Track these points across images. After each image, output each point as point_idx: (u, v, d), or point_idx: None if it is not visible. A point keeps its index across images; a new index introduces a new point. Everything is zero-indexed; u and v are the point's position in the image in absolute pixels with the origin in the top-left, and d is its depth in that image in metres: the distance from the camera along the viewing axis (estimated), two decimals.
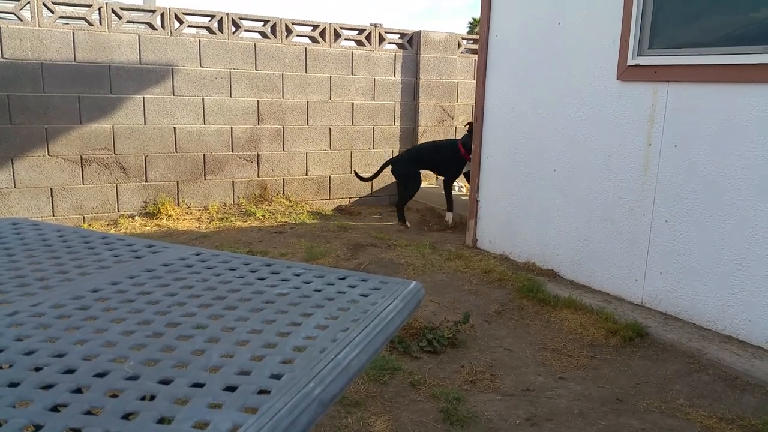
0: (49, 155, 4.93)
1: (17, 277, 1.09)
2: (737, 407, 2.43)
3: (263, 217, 5.46)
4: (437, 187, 6.25)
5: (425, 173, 6.67)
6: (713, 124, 3.05)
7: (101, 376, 0.72)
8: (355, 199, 6.39)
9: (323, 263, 4.13)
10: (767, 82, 2.82)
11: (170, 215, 5.31)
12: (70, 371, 0.73)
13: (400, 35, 6.32)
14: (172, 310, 0.95)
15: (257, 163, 5.81)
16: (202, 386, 0.69)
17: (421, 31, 6.31)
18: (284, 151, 5.91)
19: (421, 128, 6.50)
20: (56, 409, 0.65)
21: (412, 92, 6.45)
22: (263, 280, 1.12)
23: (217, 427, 0.60)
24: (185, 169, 5.49)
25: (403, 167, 5.48)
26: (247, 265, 1.21)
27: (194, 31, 5.37)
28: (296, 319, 0.92)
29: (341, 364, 0.76)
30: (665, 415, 2.36)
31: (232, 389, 0.69)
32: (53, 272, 1.12)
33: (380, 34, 6.16)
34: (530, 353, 2.88)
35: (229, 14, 5.42)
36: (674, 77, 3.22)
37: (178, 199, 5.51)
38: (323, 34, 5.87)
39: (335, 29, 5.93)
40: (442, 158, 5.41)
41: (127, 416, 0.63)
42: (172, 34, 5.22)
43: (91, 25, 4.91)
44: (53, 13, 4.76)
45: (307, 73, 5.85)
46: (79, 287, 1.04)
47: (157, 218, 5.26)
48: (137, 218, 5.27)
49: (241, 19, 5.49)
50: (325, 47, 5.89)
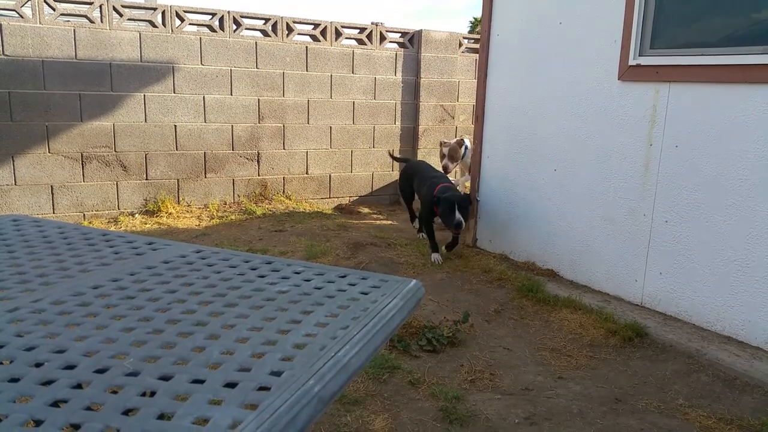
0: (49, 152, 4.94)
1: (18, 273, 1.09)
2: (736, 408, 2.43)
3: (263, 215, 5.46)
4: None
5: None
6: (714, 124, 3.05)
7: (102, 372, 0.72)
8: (355, 198, 6.39)
9: (323, 262, 4.14)
10: None
11: (170, 213, 5.31)
12: (70, 367, 0.73)
13: (401, 34, 6.31)
14: (172, 307, 0.95)
15: (257, 161, 5.81)
16: (202, 383, 0.70)
17: (422, 30, 6.31)
18: (285, 149, 5.91)
19: (421, 127, 6.50)
20: (56, 404, 0.65)
21: (412, 91, 6.45)
22: (264, 277, 1.12)
23: (217, 423, 0.60)
24: (186, 167, 5.49)
25: (401, 180, 5.10)
26: (247, 262, 1.21)
27: (195, 29, 5.37)
28: (296, 316, 0.92)
29: (341, 361, 0.76)
30: (664, 415, 2.36)
31: (232, 386, 0.69)
32: (54, 269, 1.12)
33: (381, 33, 6.16)
34: (529, 353, 2.88)
35: (230, 12, 5.42)
36: (676, 77, 3.21)
37: (178, 197, 5.51)
38: (324, 32, 5.87)
39: (336, 28, 5.92)
40: (424, 192, 4.50)
41: (127, 412, 0.64)
42: (173, 31, 5.21)
43: (92, 22, 4.91)
44: (54, 10, 4.76)
45: (307, 71, 5.85)
46: (79, 284, 1.04)
47: (157, 216, 5.26)
48: (137, 216, 5.27)
49: (242, 17, 5.49)
50: (326, 46, 5.89)
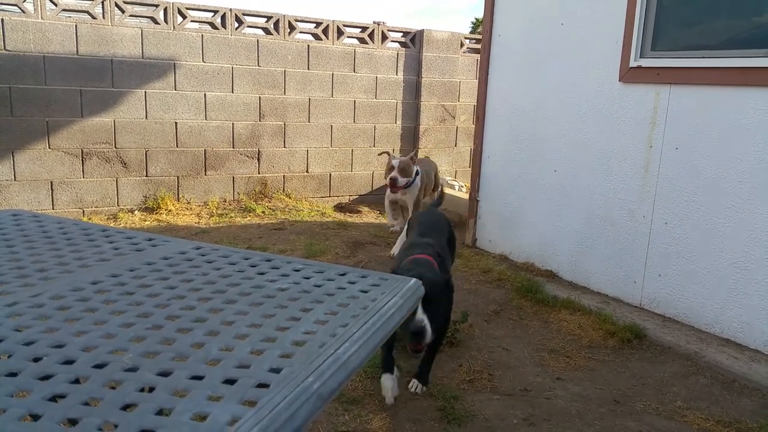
0: (49, 148, 4.93)
1: (17, 268, 1.09)
2: (734, 410, 2.43)
3: (263, 213, 5.45)
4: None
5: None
6: (715, 127, 3.05)
7: (100, 367, 0.72)
8: (355, 197, 6.38)
9: (322, 260, 4.13)
10: None
11: (170, 210, 5.30)
12: (69, 362, 0.73)
13: (402, 34, 6.31)
14: (171, 303, 0.95)
15: (258, 159, 5.81)
16: (201, 379, 0.69)
17: (424, 29, 6.30)
18: (285, 147, 5.91)
19: (422, 127, 6.50)
20: (55, 399, 0.65)
21: (414, 91, 6.44)
22: (263, 274, 1.11)
23: (216, 419, 0.60)
24: (186, 164, 5.49)
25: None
26: (247, 259, 1.21)
27: (197, 26, 5.36)
28: (296, 313, 0.92)
29: (340, 359, 0.76)
30: (662, 417, 2.36)
31: (231, 382, 0.69)
32: (53, 264, 1.12)
33: (383, 32, 6.15)
34: (528, 353, 2.88)
35: (232, 10, 5.42)
36: (676, 79, 3.21)
37: (178, 194, 5.50)
38: (326, 31, 5.87)
39: (338, 26, 5.92)
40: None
41: (126, 407, 0.63)
42: (174, 28, 5.21)
43: (93, 18, 4.90)
44: (56, 5, 4.76)
45: (309, 70, 5.85)
46: (79, 279, 1.04)
47: (156, 213, 5.25)
48: (137, 213, 5.27)
49: (244, 14, 5.48)
50: (327, 44, 5.89)
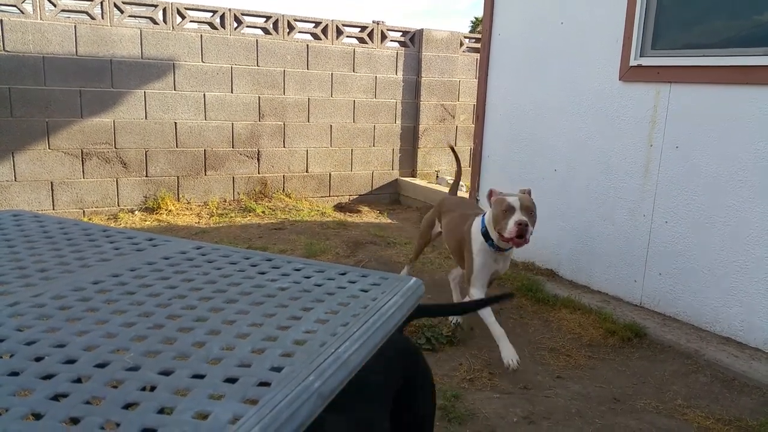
0: (49, 149, 4.93)
1: (18, 268, 1.09)
2: (734, 408, 2.43)
3: (263, 213, 5.46)
4: (437, 184, 6.23)
5: (424, 169, 6.68)
6: (715, 125, 3.05)
7: (102, 366, 0.72)
8: (355, 196, 6.39)
9: (322, 260, 4.13)
10: None
11: (170, 210, 5.31)
12: (70, 361, 0.73)
13: (402, 33, 6.31)
14: (172, 302, 0.95)
15: (257, 159, 5.81)
16: (202, 377, 0.70)
17: (423, 29, 6.31)
18: (285, 147, 5.91)
19: (422, 127, 6.50)
20: (57, 398, 0.65)
21: (413, 90, 6.44)
22: (264, 274, 1.12)
23: (217, 417, 0.60)
24: (185, 164, 5.49)
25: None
26: (247, 259, 1.21)
27: (196, 26, 5.36)
28: (296, 313, 0.92)
29: (341, 358, 0.76)
30: (662, 415, 2.36)
31: (232, 381, 0.69)
32: (54, 264, 1.12)
33: (382, 31, 6.16)
34: (528, 352, 2.89)
35: (231, 10, 5.42)
36: (676, 78, 3.21)
37: (178, 194, 5.51)
38: (325, 30, 5.87)
39: (337, 26, 5.92)
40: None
41: (127, 406, 0.64)
42: (173, 28, 5.21)
43: (93, 18, 4.90)
44: (55, 6, 4.76)
45: (308, 69, 5.85)
46: (80, 279, 1.04)
47: (156, 213, 5.25)
48: (137, 213, 5.27)
49: (243, 14, 5.48)
50: (326, 44, 5.89)
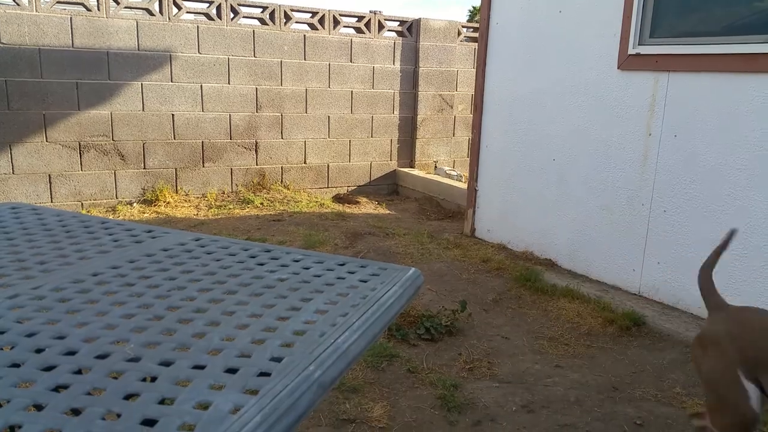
0: (47, 141, 4.92)
1: (17, 260, 1.09)
2: None
3: (261, 205, 5.45)
4: (436, 174, 6.23)
5: (422, 160, 6.67)
6: (714, 114, 3.05)
7: (102, 357, 0.72)
8: (353, 187, 6.38)
9: (321, 251, 4.13)
10: None
11: (168, 202, 5.30)
12: (71, 353, 0.73)
13: (399, 23, 6.27)
14: (172, 294, 0.95)
15: (255, 150, 5.79)
16: (203, 368, 0.70)
17: (420, 18, 6.27)
18: (283, 139, 5.90)
19: (420, 117, 6.48)
20: (58, 389, 0.66)
21: (411, 80, 6.42)
22: (263, 265, 1.12)
23: (218, 407, 0.61)
24: (183, 156, 5.48)
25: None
26: (246, 250, 1.21)
27: (192, 17, 5.33)
28: (296, 303, 0.93)
29: (341, 348, 0.77)
30: (661, 403, 2.38)
31: (233, 371, 0.69)
32: (53, 256, 1.12)
33: (380, 21, 6.12)
34: (527, 341, 2.90)
35: (227, 0, 5.38)
36: (675, 67, 3.21)
37: (176, 186, 5.50)
38: (322, 21, 5.83)
39: (334, 16, 5.89)
40: None
41: (128, 397, 0.64)
42: (170, 20, 5.18)
43: (88, 10, 4.87)
44: None
45: (305, 60, 5.82)
46: (79, 271, 1.04)
47: (155, 205, 5.25)
48: (135, 205, 5.26)
49: (239, 5, 5.44)
50: (324, 34, 5.86)
